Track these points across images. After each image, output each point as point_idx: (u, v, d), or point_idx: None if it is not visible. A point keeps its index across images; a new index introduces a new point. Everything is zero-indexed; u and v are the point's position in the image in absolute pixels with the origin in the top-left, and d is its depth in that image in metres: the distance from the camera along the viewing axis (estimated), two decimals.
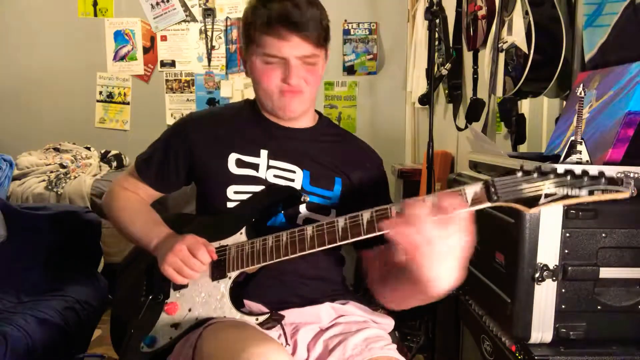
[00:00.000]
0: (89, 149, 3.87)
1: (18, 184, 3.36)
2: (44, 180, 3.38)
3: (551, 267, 1.12)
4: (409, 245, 0.84)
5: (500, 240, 1.24)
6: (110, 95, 4.33)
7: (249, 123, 1.26)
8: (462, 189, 0.88)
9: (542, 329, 1.14)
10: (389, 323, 1.24)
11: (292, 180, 1.21)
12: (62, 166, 3.49)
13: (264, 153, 1.22)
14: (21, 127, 4.25)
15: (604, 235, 1.13)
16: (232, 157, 1.22)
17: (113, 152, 3.89)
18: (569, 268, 1.11)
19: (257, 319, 1.09)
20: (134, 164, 1.33)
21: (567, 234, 1.12)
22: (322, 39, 1.15)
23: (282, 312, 1.14)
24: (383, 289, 1.13)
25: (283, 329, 1.14)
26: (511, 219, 1.16)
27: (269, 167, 1.22)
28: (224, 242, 1.15)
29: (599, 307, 1.14)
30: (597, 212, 1.12)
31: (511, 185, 0.86)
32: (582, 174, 0.83)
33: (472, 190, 0.88)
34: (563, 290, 1.13)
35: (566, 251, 1.12)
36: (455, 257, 0.86)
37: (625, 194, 0.82)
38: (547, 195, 0.84)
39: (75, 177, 3.42)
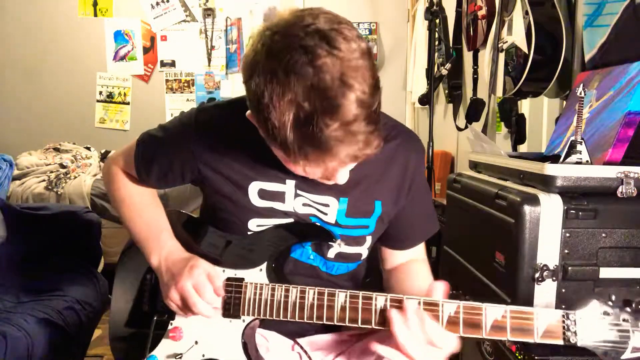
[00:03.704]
0: (89, 149, 3.87)
1: (18, 184, 3.36)
2: (44, 180, 3.38)
3: (551, 267, 1.12)
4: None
5: (500, 240, 1.23)
6: (110, 95, 4.33)
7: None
8: (535, 315, 0.81)
9: None
10: None
11: (325, 214, 1.03)
12: (62, 166, 3.49)
13: (290, 182, 1.02)
14: (21, 127, 4.25)
15: (604, 235, 1.13)
16: (254, 187, 1.02)
17: (113, 152, 3.89)
18: (569, 268, 1.11)
19: None
20: (134, 149, 1.12)
21: (567, 234, 1.12)
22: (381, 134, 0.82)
23: (299, 340, 1.11)
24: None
25: (302, 349, 1.09)
26: (511, 219, 1.16)
27: (296, 195, 1.03)
28: (240, 273, 1.02)
29: None
30: (597, 212, 1.12)
31: (594, 327, 0.76)
32: None
33: (545, 319, 0.79)
34: (563, 290, 1.13)
35: (566, 251, 1.12)
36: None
37: None
38: (635, 349, 0.75)
39: (75, 177, 3.42)
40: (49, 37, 4.24)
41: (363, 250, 1.09)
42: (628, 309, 0.76)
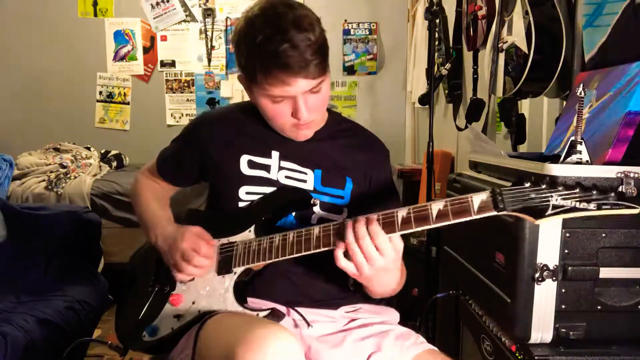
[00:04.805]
0: (89, 149, 3.87)
1: (18, 184, 3.36)
2: (44, 180, 3.38)
3: (551, 267, 1.12)
4: None
5: (500, 240, 1.24)
6: (110, 95, 4.34)
7: (260, 124, 1.24)
8: (469, 197, 0.91)
9: (542, 329, 1.13)
10: (395, 316, 1.27)
11: (304, 182, 1.22)
12: (62, 166, 3.50)
13: (275, 154, 1.23)
14: (21, 127, 4.25)
15: (604, 235, 1.12)
16: (244, 159, 1.23)
17: (113, 152, 3.89)
18: (569, 268, 1.11)
19: (257, 314, 1.10)
20: (158, 156, 1.38)
21: (567, 234, 1.12)
22: (325, 66, 1.10)
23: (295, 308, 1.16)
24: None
25: (299, 313, 1.15)
26: (511, 218, 1.16)
27: (280, 168, 1.23)
28: (232, 239, 1.17)
29: (599, 307, 1.13)
30: None
31: (519, 195, 0.88)
32: (591, 187, 0.83)
33: (479, 198, 0.91)
34: (563, 290, 1.13)
35: (566, 251, 1.12)
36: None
37: (634, 210, 0.82)
38: (554, 207, 0.85)
39: (75, 177, 3.42)
40: (49, 37, 4.24)
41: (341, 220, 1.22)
42: (546, 180, 0.88)
